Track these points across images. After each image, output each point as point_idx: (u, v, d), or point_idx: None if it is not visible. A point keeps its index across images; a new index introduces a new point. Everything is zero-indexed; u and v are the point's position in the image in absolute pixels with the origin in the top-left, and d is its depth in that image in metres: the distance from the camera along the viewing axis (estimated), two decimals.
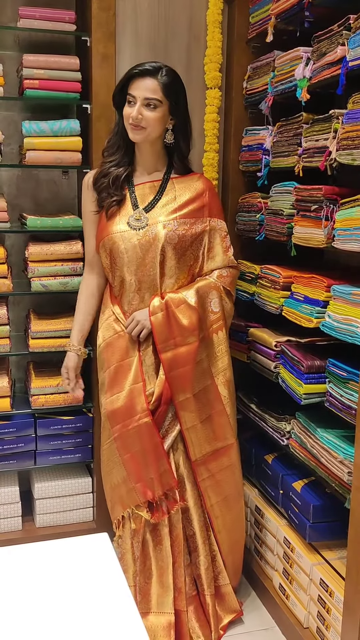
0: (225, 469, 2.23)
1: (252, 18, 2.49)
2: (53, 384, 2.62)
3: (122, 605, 1.16)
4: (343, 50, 1.83)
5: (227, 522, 2.27)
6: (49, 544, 1.35)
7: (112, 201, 2.14)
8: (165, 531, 2.17)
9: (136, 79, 2.03)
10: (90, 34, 2.43)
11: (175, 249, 2.12)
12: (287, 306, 2.20)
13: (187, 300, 2.11)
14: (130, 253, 2.12)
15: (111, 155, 2.18)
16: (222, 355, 2.19)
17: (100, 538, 1.34)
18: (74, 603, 1.18)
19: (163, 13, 2.55)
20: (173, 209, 2.14)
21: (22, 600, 1.19)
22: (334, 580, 2.03)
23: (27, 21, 2.41)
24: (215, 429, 2.20)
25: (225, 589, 2.31)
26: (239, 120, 2.61)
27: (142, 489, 2.13)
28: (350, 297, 1.85)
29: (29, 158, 2.46)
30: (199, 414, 2.16)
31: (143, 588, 2.20)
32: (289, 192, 2.19)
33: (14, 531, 2.72)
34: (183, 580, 2.20)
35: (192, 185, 2.19)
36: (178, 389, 2.12)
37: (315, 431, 2.07)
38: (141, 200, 2.16)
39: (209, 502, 2.22)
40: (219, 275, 2.20)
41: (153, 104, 2.03)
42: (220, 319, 2.18)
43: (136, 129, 2.06)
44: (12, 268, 2.63)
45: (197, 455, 2.18)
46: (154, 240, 2.11)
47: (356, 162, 1.77)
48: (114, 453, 2.17)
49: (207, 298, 2.16)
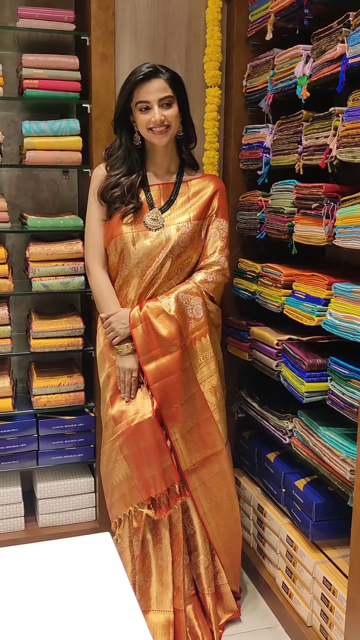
0: (215, 476, 2.23)
1: (251, 16, 2.48)
2: (55, 384, 2.62)
3: (125, 604, 1.16)
4: (343, 47, 1.82)
5: (220, 527, 2.26)
6: (51, 543, 1.35)
7: (130, 209, 2.14)
8: (165, 530, 2.17)
9: (142, 84, 2.05)
10: (90, 34, 2.43)
11: (182, 250, 2.15)
12: (288, 304, 2.20)
13: (165, 309, 2.11)
14: (141, 254, 2.13)
15: (117, 169, 2.18)
16: (207, 362, 2.19)
17: (103, 537, 1.34)
18: (76, 602, 1.18)
19: (162, 12, 2.55)
20: (186, 211, 2.16)
21: (25, 599, 1.19)
22: (337, 578, 2.02)
23: (27, 21, 2.40)
24: (204, 437, 2.19)
25: (223, 589, 2.31)
26: (239, 118, 2.61)
27: (145, 487, 2.12)
28: (351, 295, 1.84)
29: (29, 158, 2.46)
30: (186, 423, 2.16)
31: (143, 586, 2.20)
32: (290, 190, 2.18)
33: (16, 531, 2.72)
34: (182, 579, 2.19)
35: (206, 187, 2.22)
36: (164, 400, 2.12)
37: (317, 429, 2.06)
38: (156, 200, 2.17)
39: (202, 509, 2.22)
40: (202, 280, 2.19)
41: (168, 101, 2.07)
42: (204, 325, 2.17)
43: (160, 133, 2.08)
44: (13, 268, 2.63)
45: (188, 464, 2.18)
46: (166, 242, 2.12)
47: (357, 160, 1.77)
48: (115, 451, 2.17)
49: (187, 305, 2.15)
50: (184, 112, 2.16)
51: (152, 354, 2.11)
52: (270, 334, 2.33)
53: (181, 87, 2.13)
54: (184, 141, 2.22)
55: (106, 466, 2.23)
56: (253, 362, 2.47)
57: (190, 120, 2.21)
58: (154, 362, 2.12)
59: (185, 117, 2.18)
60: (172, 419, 2.14)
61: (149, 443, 2.11)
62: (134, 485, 2.14)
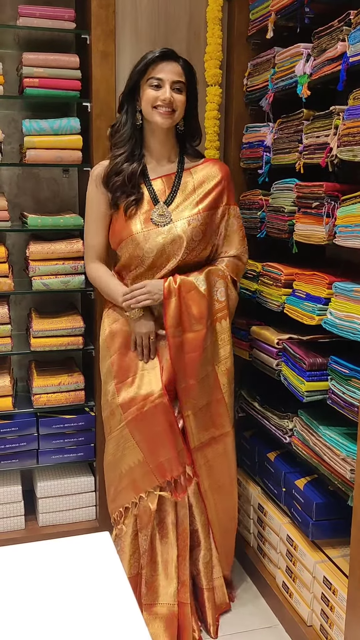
0: (219, 456, 2.23)
1: (252, 15, 2.48)
2: (55, 383, 2.61)
3: (123, 604, 1.16)
4: (343, 46, 1.82)
5: (219, 509, 2.27)
6: (50, 543, 1.35)
7: (131, 201, 2.10)
8: (172, 525, 2.17)
9: (160, 62, 2.03)
10: (90, 32, 2.43)
11: (197, 245, 2.12)
12: (288, 304, 2.19)
13: (198, 286, 2.10)
14: (156, 252, 2.09)
15: (121, 147, 2.13)
16: (224, 344, 2.18)
17: (102, 537, 1.34)
18: (75, 602, 1.18)
19: (163, 10, 2.54)
20: (195, 203, 2.12)
21: (24, 599, 1.19)
22: (337, 578, 2.02)
23: (27, 19, 2.40)
24: (213, 417, 2.19)
25: (217, 582, 2.33)
26: (240, 117, 2.60)
27: (160, 470, 2.12)
28: (352, 294, 1.84)
29: (30, 157, 2.46)
30: (199, 401, 2.15)
31: (149, 580, 2.21)
32: (290, 189, 2.18)
33: (16, 530, 2.72)
34: (187, 573, 2.21)
35: (210, 173, 2.17)
36: (182, 374, 2.11)
37: (317, 429, 2.06)
38: (160, 195, 2.13)
39: (203, 486, 2.22)
40: (227, 263, 2.19)
41: (179, 87, 2.05)
42: (224, 308, 2.17)
43: (165, 114, 2.04)
44: (13, 267, 2.63)
45: (196, 442, 2.18)
46: (179, 239, 2.09)
47: (357, 159, 1.76)
48: (125, 438, 2.15)
49: (214, 286, 2.15)
50: (191, 105, 2.13)
51: (179, 328, 2.09)
52: (270, 333, 2.32)
53: (194, 79, 2.11)
54: (187, 137, 2.19)
55: (113, 454, 2.20)
56: (253, 362, 2.47)
57: (195, 115, 2.18)
58: (179, 336, 2.09)
59: (191, 111, 2.14)
60: (186, 394, 2.13)
61: (162, 427, 2.10)
62: (148, 469, 2.13)
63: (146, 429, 2.12)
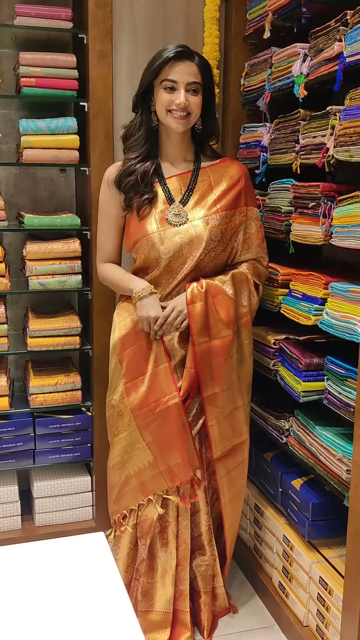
0: (239, 465, 2.19)
1: (249, 14, 2.48)
2: (51, 383, 2.61)
3: (117, 604, 1.15)
4: (340, 46, 1.82)
5: (234, 519, 2.26)
6: (44, 543, 1.35)
7: (143, 200, 2.03)
8: (173, 534, 2.15)
9: (175, 62, 1.94)
10: (87, 32, 2.43)
11: (216, 245, 2.05)
12: (285, 304, 2.19)
13: (226, 290, 2.04)
14: (173, 253, 2.02)
15: (135, 151, 2.07)
16: (246, 350, 2.12)
17: (97, 537, 1.34)
18: (69, 602, 1.18)
19: (160, 10, 2.54)
20: (213, 201, 2.05)
21: (17, 599, 1.19)
22: (333, 578, 2.02)
23: (24, 19, 2.40)
24: (234, 425, 2.14)
25: (219, 590, 2.31)
26: (237, 117, 2.60)
27: (170, 474, 2.06)
28: (348, 295, 1.84)
29: (26, 156, 2.45)
30: (224, 410, 2.09)
31: (146, 587, 2.19)
32: (287, 190, 2.18)
33: (13, 530, 2.72)
34: (187, 583, 2.20)
35: (227, 172, 2.10)
36: (207, 383, 2.04)
37: (313, 429, 2.06)
38: (175, 194, 2.06)
39: (224, 499, 2.17)
40: (248, 267, 2.13)
41: (195, 88, 1.97)
42: (247, 314, 2.11)
43: (180, 118, 1.97)
44: (10, 266, 2.62)
45: (219, 452, 2.11)
46: (197, 239, 2.01)
47: (354, 159, 1.76)
48: (135, 440, 2.08)
49: (239, 290, 2.08)
50: (208, 104, 2.04)
51: (206, 334, 2.01)
52: (267, 333, 2.32)
53: (211, 77, 2.03)
54: (204, 135, 2.12)
55: (121, 456, 2.13)
56: None
57: (213, 114, 2.10)
58: (205, 343, 2.01)
59: (208, 110, 2.06)
60: (212, 403, 2.06)
61: (174, 429, 2.02)
62: (158, 472, 2.06)
63: (158, 431, 2.05)
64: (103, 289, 2.59)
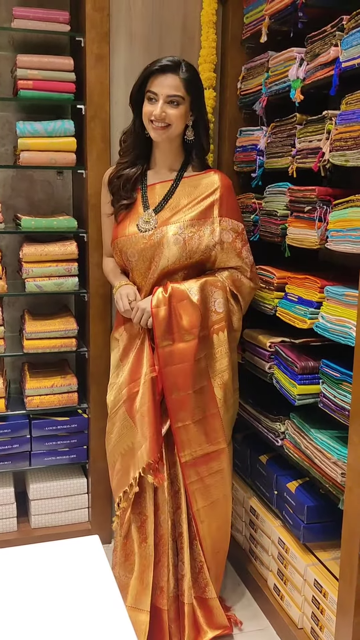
0: (214, 474, 2.17)
1: (246, 18, 2.49)
2: (48, 385, 2.61)
3: (111, 607, 1.16)
4: (336, 51, 1.82)
5: (212, 528, 2.20)
6: (39, 546, 1.35)
7: (120, 205, 2.16)
8: (151, 529, 2.14)
9: (157, 75, 2.02)
10: (84, 35, 2.43)
11: (182, 254, 2.08)
12: (281, 307, 2.20)
13: (190, 296, 2.07)
14: (137, 257, 2.12)
15: (127, 155, 2.18)
16: (221, 357, 2.14)
17: (92, 541, 1.34)
18: (60, 605, 1.18)
19: (157, 13, 2.55)
20: (183, 211, 2.10)
21: (8, 603, 1.19)
22: (327, 581, 2.03)
23: (21, 22, 2.40)
24: (207, 432, 2.14)
25: (212, 603, 2.22)
26: (234, 120, 2.61)
27: (147, 448, 2.07)
28: (343, 298, 1.85)
29: (23, 159, 2.46)
30: (192, 414, 2.10)
31: (122, 581, 2.17)
32: (283, 193, 2.19)
33: (9, 532, 2.72)
34: (166, 579, 2.16)
35: (205, 183, 2.13)
36: (172, 386, 2.08)
37: (309, 432, 2.07)
38: (152, 201, 2.14)
39: (195, 506, 2.16)
40: (227, 276, 2.15)
41: (176, 101, 2.03)
42: (222, 320, 2.12)
43: (159, 129, 2.05)
44: (7, 269, 2.63)
45: (187, 457, 2.12)
46: (159, 245, 2.08)
47: (349, 163, 1.77)
48: (124, 417, 2.14)
49: (211, 297, 2.11)
50: (198, 118, 2.11)
51: (169, 338, 2.07)
52: (263, 336, 2.33)
53: (196, 90, 2.07)
54: (194, 147, 2.16)
55: (116, 434, 2.18)
56: (246, 364, 2.47)
57: (204, 127, 2.15)
58: (169, 346, 2.07)
59: (198, 123, 2.12)
60: (179, 406, 2.08)
61: (151, 405, 2.08)
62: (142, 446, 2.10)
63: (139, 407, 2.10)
64: (100, 291, 2.60)
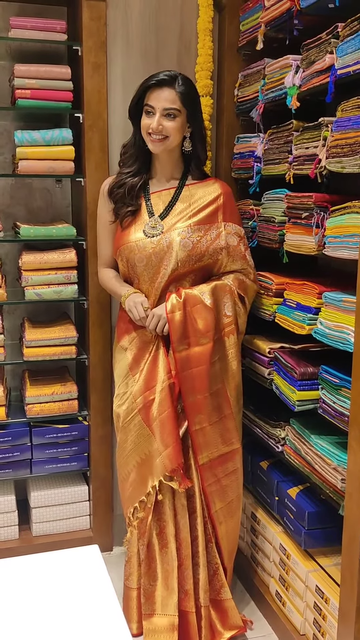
0: (230, 474, 2.23)
1: (242, 26, 2.50)
2: (48, 393, 2.62)
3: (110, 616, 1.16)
4: (332, 58, 1.83)
5: (229, 528, 2.26)
6: (38, 556, 1.35)
7: (126, 211, 2.19)
8: (172, 534, 2.16)
9: (153, 89, 2.08)
10: (82, 44, 2.44)
11: (190, 257, 2.14)
12: (279, 313, 2.20)
13: (204, 300, 2.13)
14: (145, 262, 2.15)
15: (128, 167, 2.23)
16: (231, 360, 2.20)
17: (91, 550, 1.34)
18: (61, 615, 1.18)
19: (154, 22, 2.56)
20: (188, 216, 2.17)
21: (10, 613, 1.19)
22: (329, 587, 2.03)
23: (19, 31, 2.41)
24: (222, 433, 2.19)
25: (228, 604, 2.26)
26: (231, 127, 2.62)
27: (170, 455, 2.09)
28: (341, 304, 1.85)
29: (22, 167, 2.47)
30: (209, 417, 2.15)
31: (148, 590, 2.20)
32: (280, 200, 2.19)
33: (10, 540, 2.72)
34: (191, 582, 2.19)
35: (208, 190, 2.22)
36: (189, 390, 2.12)
37: (309, 438, 2.07)
38: (156, 208, 2.19)
39: (214, 507, 2.20)
40: (233, 278, 2.21)
41: (172, 113, 2.09)
42: (232, 323, 2.19)
43: (156, 141, 2.11)
44: (6, 277, 2.63)
45: (204, 459, 2.17)
46: (167, 249, 2.13)
47: (345, 170, 1.78)
48: (140, 426, 2.15)
49: (221, 300, 2.17)
50: (194, 130, 2.17)
51: (185, 342, 2.11)
52: (262, 342, 2.33)
53: (193, 103, 2.14)
54: (193, 158, 2.23)
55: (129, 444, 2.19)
56: (246, 370, 2.47)
57: (202, 138, 2.22)
58: (185, 350, 2.11)
59: (195, 135, 2.18)
60: (196, 409, 2.13)
61: (169, 412, 2.10)
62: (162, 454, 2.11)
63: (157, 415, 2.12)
64: (99, 299, 2.61)
